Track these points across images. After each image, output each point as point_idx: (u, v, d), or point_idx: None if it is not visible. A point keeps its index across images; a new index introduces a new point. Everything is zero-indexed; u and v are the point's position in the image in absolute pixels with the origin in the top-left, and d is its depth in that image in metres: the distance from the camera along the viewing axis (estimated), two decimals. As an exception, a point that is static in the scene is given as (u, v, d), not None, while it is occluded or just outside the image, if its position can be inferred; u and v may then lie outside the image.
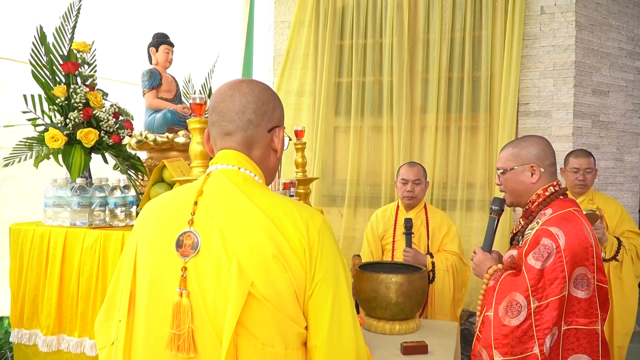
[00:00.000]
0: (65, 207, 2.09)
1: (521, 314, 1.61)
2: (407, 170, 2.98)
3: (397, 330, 2.32)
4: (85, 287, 1.99)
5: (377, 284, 2.31)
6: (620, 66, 4.09)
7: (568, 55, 3.78)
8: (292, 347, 1.03)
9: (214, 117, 1.17)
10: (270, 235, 1.03)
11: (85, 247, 2.00)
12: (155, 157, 2.54)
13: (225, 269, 1.01)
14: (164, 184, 2.13)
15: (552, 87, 3.82)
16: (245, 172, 1.13)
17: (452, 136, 3.96)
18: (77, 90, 2.19)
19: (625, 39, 4.11)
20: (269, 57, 4.59)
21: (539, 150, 1.84)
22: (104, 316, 1.21)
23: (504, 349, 1.61)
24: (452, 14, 3.93)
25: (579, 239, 1.64)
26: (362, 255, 3.06)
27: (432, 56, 3.98)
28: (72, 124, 2.16)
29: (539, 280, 1.61)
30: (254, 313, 1.00)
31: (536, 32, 3.84)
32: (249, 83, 1.18)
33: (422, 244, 2.95)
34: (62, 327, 2.02)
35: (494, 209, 1.96)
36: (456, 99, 3.94)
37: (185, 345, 1.00)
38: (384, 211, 3.15)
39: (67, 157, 2.16)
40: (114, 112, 2.32)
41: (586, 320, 1.64)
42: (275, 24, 4.49)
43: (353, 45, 4.16)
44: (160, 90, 2.62)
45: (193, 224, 1.06)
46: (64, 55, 2.26)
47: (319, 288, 1.04)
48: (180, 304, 1.02)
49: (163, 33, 2.68)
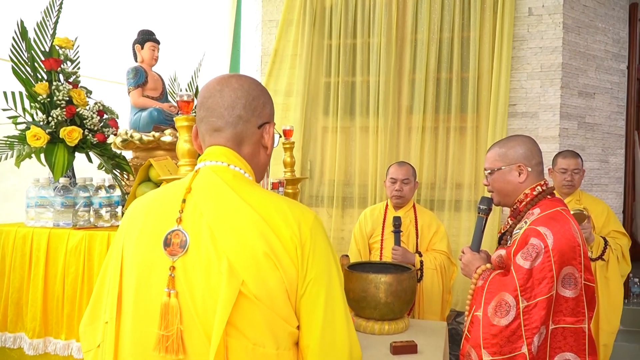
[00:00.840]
0: (48, 207, 2.05)
1: (510, 313, 1.61)
2: (396, 169, 2.98)
3: (386, 330, 2.31)
4: (71, 289, 1.95)
5: (366, 284, 2.30)
6: (606, 68, 4.13)
7: (555, 57, 3.80)
8: (283, 347, 1.01)
9: (203, 113, 1.15)
10: (261, 233, 1.00)
11: (70, 248, 1.96)
12: (141, 156, 2.50)
13: (215, 267, 0.99)
14: (151, 183, 2.09)
15: (539, 88, 3.84)
16: (234, 169, 1.11)
17: (440, 137, 3.97)
18: (59, 88, 2.14)
19: (611, 42, 4.16)
20: (256, 56, 4.56)
21: (525, 150, 1.84)
22: (89, 319, 1.18)
23: (493, 348, 1.61)
24: (440, 15, 3.94)
25: (566, 238, 1.64)
26: (350, 254, 3.05)
27: (420, 57, 3.99)
28: (54, 122, 2.11)
29: (528, 280, 1.61)
30: (245, 313, 0.97)
31: (524, 34, 3.86)
32: (238, 78, 1.16)
33: (410, 243, 2.95)
34: (48, 329, 1.99)
35: (482, 208, 1.96)
36: (444, 100, 3.95)
37: (174, 347, 0.98)
38: (372, 210, 3.14)
39: (49, 156, 2.12)
40: (98, 110, 2.28)
41: (573, 319, 1.64)
42: (262, 23, 4.46)
43: (341, 45, 4.15)
44: (146, 89, 2.58)
45: (181, 222, 1.04)
46: (46, 52, 2.22)
47: (312, 287, 1.02)
48: (168, 304, 0.99)
49: (149, 30, 2.64)
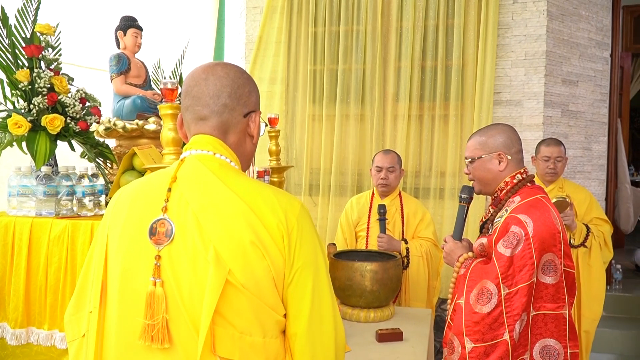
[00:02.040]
0: (31, 196, 2.03)
1: (492, 301, 1.63)
2: (382, 157, 2.99)
3: (372, 318, 2.32)
4: (54, 278, 1.94)
5: (352, 272, 2.31)
6: (589, 56, 4.16)
7: (539, 44, 3.82)
8: (270, 335, 1.02)
9: (188, 102, 1.14)
10: (248, 221, 1.00)
11: (53, 238, 1.95)
12: (125, 144, 2.47)
13: (201, 256, 0.99)
14: (135, 172, 2.07)
15: (523, 76, 3.87)
16: (220, 158, 1.10)
17: (425, 124, 3.97)
18: (40, 75, 2.10)
19: (594, 30, 4.19)
20: (240, 43, 4.52)
21: (505, 138, 1.86)
22: (73, 308, 1.17)
23: (475, 335, 1.63)
24: (425, 2, 3.93)
25: (546, 225, 1.66)
26: (337, 242, 3.06)
27: (405, 44, 3.98)
28: (36, 110, 2.08)
29: (509, 267, 1.63)
30: (232, 301, 0.97)
31: (508, 22, 3.87)
32: (224, 66, 1.15)
33: (396, 231, 2.97)
34: (31, 319, 1.98)
35: (463, 197, 1.98)
36: (429, 88, 3.95)
37: (160, 336, 0.97)
38: (358, 198, 3.15)
39: (31, 144, 2.08)
40: (81, 97, 2.24)
41: (554, 305, 1.67)
42: (247, 10, 4.41)
43: (326, 32, 4.12)
44: (128, 76, 2.54)
45: (167, 211, 1.03)
46: (27, 38, 2.17)
47: (299, 275, 1.02)
48: (154, 293, 0.99)
49: (131, 16, 2.59)
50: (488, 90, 3.79)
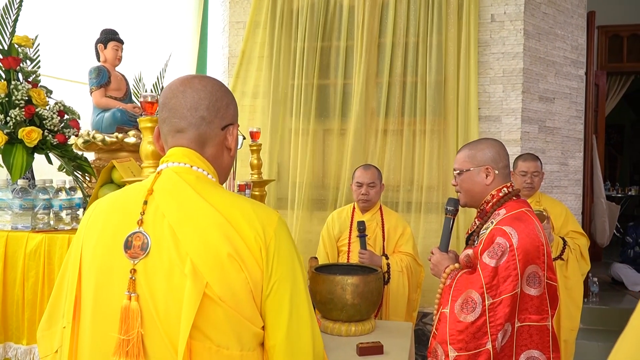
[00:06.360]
0: (6, 209, 1.99)
1: (476, 310, 1.65)
2: (362, 173, 3.00)
3: (352, 332, 2.32)
4: (31, 293, 1.91)
5: (333, 285, 2.31)
6: (565, 74, 4.25)
7: (517, 62, 3.90)
8: (248, 349, 1.01)
9: (165, 114, 1.13)
10: (225, 234, 1.00)
11: (29, 252, 1.91)
12: (104, 158, 2.45)
13: (177, 270, 0.98)
14: (113, 186, 2.05)
15: (501, 92, 3.93)
16: (197, 170, 1.10)
17: (406, 139, 4.00)
18: (18, 87, 2.08)
19: (570, 48, 4.29)
20: (223, 57, 4.53)
21: (494, 153, 1.89)
22: (46, 323, 1.15)
23: (459, 344, 1.64)
24: (406, 19, 3.98)
25: (531, 238, 1.69)
26: (318, 256, 3.05)
27: (386, 60, 4.02)
28: (13, 122, 2.06)
29: (493, 277, 1.65)
30: (209, 314, 0.97)
31: (487, 39, 3.94)
32: (201, 79, 1.15)
33: (377, 246, 2.97)
34: (9, 335, 1.95)
35: (449, 209, 2.00)
36: (410, 103, 3.98)
37: (135, 351, 0.96)
38: (339, 213, 3.16)
39: (7, 157, 2.06)
40: (59, 110, 2.22)
41: (538, 317, 1.69)
42: (230, 24, 4.43)
43: (308, 47, 4.15)
44: (109, 89, 2.53)
45: (142, 224, 1.02)
46: (5, 50, 2.15)
47: (277, 288, 1.02)
48: (128, 307, 0.97)
49: (112, 29, 2.59)
50: (473, 106, 3.83)
